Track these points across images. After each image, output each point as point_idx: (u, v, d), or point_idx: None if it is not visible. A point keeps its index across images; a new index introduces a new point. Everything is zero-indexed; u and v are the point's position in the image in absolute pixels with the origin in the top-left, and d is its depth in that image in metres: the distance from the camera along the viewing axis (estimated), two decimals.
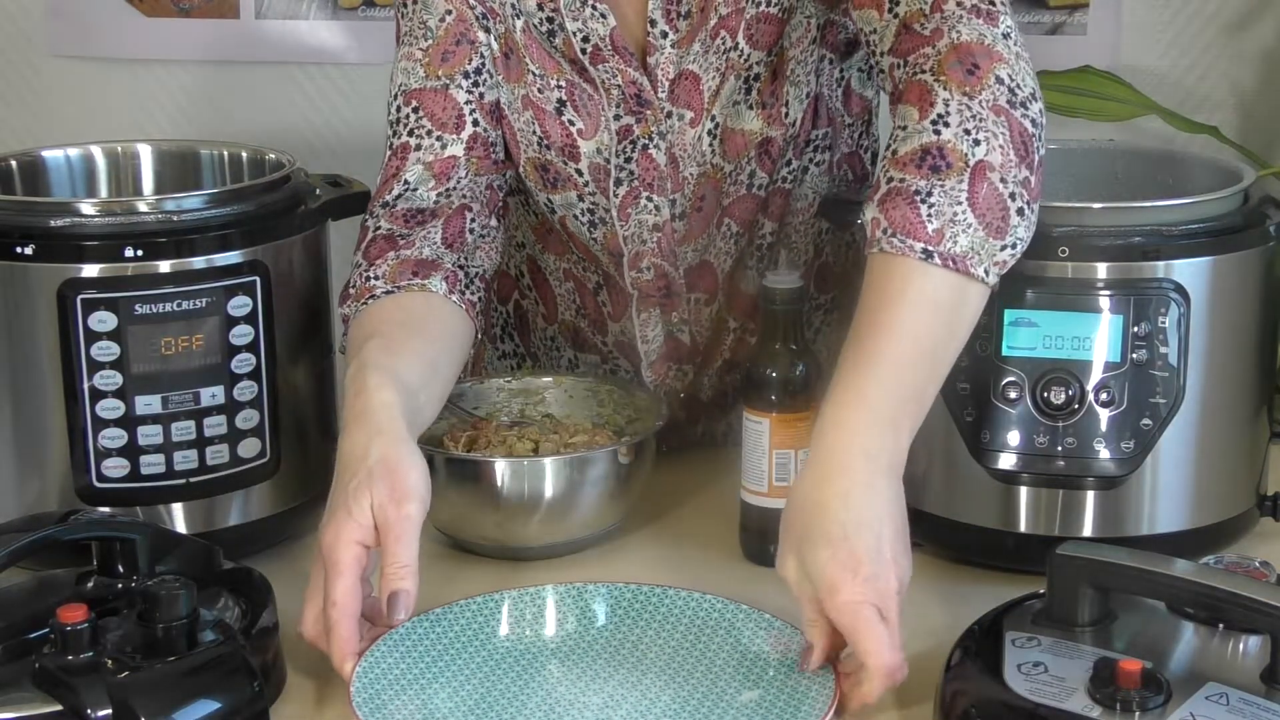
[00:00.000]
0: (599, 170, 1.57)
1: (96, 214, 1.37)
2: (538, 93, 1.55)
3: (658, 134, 1.55)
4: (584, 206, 1.59)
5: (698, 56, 1.53)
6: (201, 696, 1.10)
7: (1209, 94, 2.33)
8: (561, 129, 1.56)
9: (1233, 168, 1.46)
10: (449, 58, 1.54)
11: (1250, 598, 1.10)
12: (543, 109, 1.55)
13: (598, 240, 1.61)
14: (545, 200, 1.61)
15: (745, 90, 1.56)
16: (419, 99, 1.54)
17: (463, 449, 1.49)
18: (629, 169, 1.56)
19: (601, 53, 1.53)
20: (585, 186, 1.58)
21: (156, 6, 2.41)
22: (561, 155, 1.57)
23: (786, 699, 1.20)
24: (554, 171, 1.58)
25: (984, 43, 1.32)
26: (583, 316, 1.71)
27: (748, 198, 1.61)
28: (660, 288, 1.62)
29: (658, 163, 1.55)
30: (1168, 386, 1.33)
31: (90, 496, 1.37)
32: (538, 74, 1.55)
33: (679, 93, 1.54)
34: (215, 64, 2.42)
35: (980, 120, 1.29)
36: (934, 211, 1.26)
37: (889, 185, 1.29)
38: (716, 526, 1.52)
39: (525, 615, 1.31)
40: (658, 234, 1.58)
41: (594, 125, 1.55)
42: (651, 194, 1.56)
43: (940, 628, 1.28)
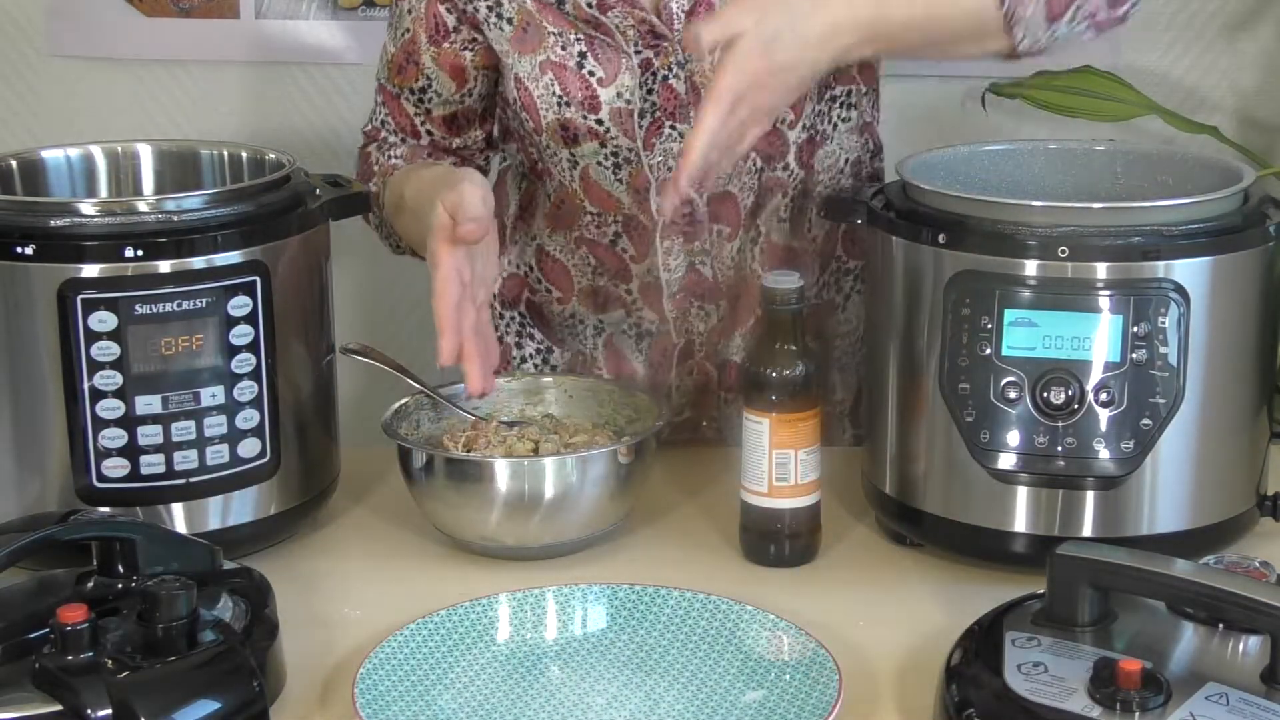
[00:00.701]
0: (619, 114, 1.62)
1: (96, 214, 1.37)
2: (560, 50, 1.61)
3: (676, 64, 1.60)
4: (607, 151, 1.65)
5: None
6: (201, 696, 1.10)
7: (1209, 94, 2.33)
8: (581, 82, 1.61)
9: (1233, 168, 1.46)
10: (402, 72, 1.72)
11: (1250, 598, 1.10)
12: (564, 65, 1.62)
13: (623, 180, 1.66)
14: (567, 156, 1.66)
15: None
16: (384, 96, 1.76)
17: (462, 449, 1.49)
18: (651, 100, 1.62)
19: (607, 2, 1.59)
20: (607, 133, 1.63)
21: (156, 6, 2.41)
22: (581, 109, 1.62)
23: (790, 700, 1.20)
24: (574, 128, 1.63)
25: None
26: (601, 275, 1.74)
27: (773, 133, 1.64)
28: (685, 214, 1.66)
29: (678, 91, 1.61)
30: (1168, 386, 1.33)
31: (90, 496, 1.37)
32: (557, 33, 1.62)
33: (695, 20, 1.58)
34: (215, 64, 2.41)
35: None
36: None
37: None
38: (717, 526, 1.52)
39: (527, 617, 1.31)
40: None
41: (614, 70, 1.61)
42: (675, 122, 1.62)
43: (940, 628, 1.28)
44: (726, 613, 1.30)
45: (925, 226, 1.38)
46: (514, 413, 1.58)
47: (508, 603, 1.32)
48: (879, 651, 1.28)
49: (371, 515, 1.57)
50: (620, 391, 1.59)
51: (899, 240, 1.41)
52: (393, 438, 1.47)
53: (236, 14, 2.39)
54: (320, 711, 1.22)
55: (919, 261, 1.39)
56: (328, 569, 1.46)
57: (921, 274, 1.39)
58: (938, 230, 1.37)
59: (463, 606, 1.30)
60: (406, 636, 1.26)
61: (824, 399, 1.44)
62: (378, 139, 1.77)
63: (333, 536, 1.54)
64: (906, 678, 1.25)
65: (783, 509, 1.43)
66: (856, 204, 1.48)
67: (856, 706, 1.19)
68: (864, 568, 1.46)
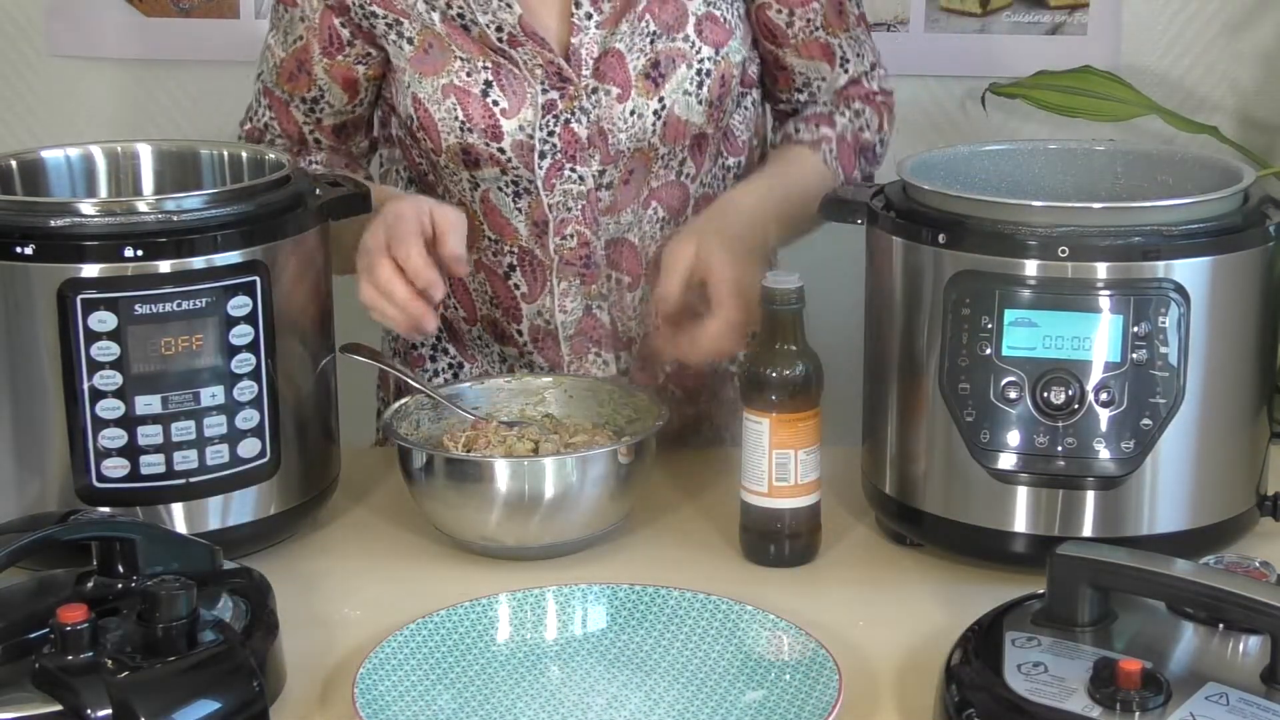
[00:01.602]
0: (521, 146, 1.63)
1: (96, 214, 1.36)
2: (465, 76, 1.62)
3: (579, 109, 1.62)
4: (507, 180, 1.65)
5: (624, 36, 1.62)
6: (201, 696, 1.10)
7: (1209, 94, 2.33)
8: (485, 110, 1.62)
9: (1233, 168, 1.46)
10: (293, 79, 1.70)
11: (1250, 598, 1.10)
12: (468, 92, 1.62)
13: (522, 210, 1.67)
14: (468, 178, 1.66)
15: (698, 84, 1.64)
16: (270, 99, 1.74)
17: (462, 448, 1.49)
18: (552, 141, 1.63)
19: (516, 38, 1.60)
20: (509, 162, 1.64)
21: (156, 6, 2.41)
22: (484, 137, 1.63)
23: (790, 700, 1.20)
24: (475, 153, 1.64)
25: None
26: (496, 307, 1.74)
27: (676, 185, 1.68)
28: (581, 256, 1.67)
29: (579, 136, 1.63)
30: (1168, 386, 1.33)
31: (90, 496, 1.37)
32: (464, 58, 1.62)
33: (604, 70, 1.62)
34: (215, 64, 2.41)
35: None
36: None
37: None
38: (717, 527, 1.52)
39: (527, 617, 1.31)
40: (582, 201, 1.65)
41: (518, 103, 1.62)
42: (575, 165, 1.64)
43: (940, 628, 1.28)
44: (726, 613, 1.30)
45: (925, 226, 1.38)
46: (514, 413, 1.58)
47: (508, 603, 1.32)
48: (879, 651, 1.28)
49: (371, 515, 1.57)
50: (620, 391, 1.59)
51: (899, 240, 1.41)
52: (393, 438, 1.47)
53: (236, 14, 2.40)
54: (320, 711, 1.22)
55: (919, 261, 1.39)
56: (328, 569, 1.46)
57: (921, 274, 1.39)
58: (938, 230, 1.37)
59: (463, 606, 1.30)
60: (406, 636, 1.26)
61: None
62: (261, 140, 1.75)
63: (333, 536, 1.54)
64: (906, 678, 1.25)
65: (783, 509, 1.43)
66: (856, 204, 1.48)
67: (856, 706, 1.19)
68: (864, 568, 1.46)
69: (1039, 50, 2.30)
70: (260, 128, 1.75)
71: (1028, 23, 2.31)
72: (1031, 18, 2.31)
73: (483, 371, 1.78)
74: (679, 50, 1.63)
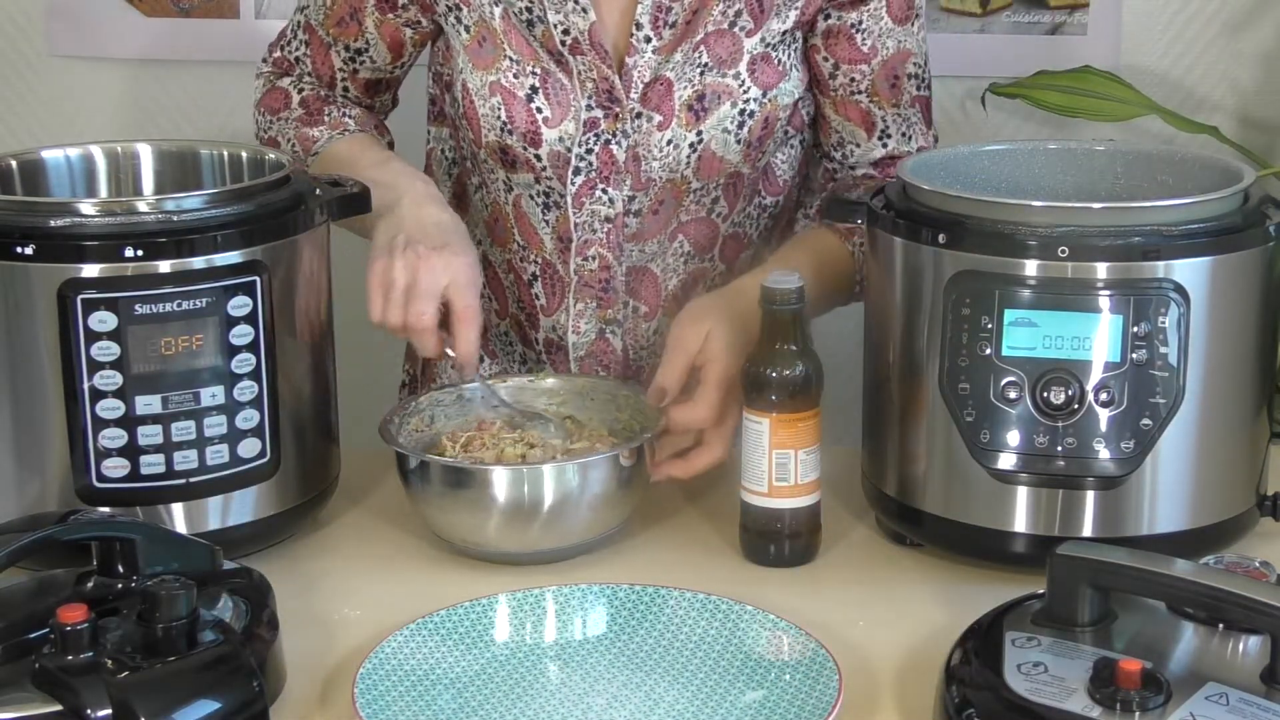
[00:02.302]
0: (558, 158, 1.62)
1: (96, 214, 1.36)
2: (512, 78, 1.60)
3: (622, 132, 1.60)
4: (539, 189, 1.64)
5: (677, 66, 1.59)
6: (201, 696, 1.10)
7: (1209, 94, 2.33)
8: (528, 115, 1.60)
9: (1233, 168, 1.46)
10: (342, 25, 1.68)
11: (1250, 598, 1.10)
12: (513, 94, 1.60)
13: (549, 223, 1.66)
14: (504, 178, 1.66)
15: (739, 123, 1.62)
16: (310, 36, 1.72)
17: (460, 448, 1.49)
18: (589, 160, 1.61)
19: (580, 46, 1.58)
20: (543, 171, 1.63)
21: (156, 6, 2.41)
22: (523, 141, 1.62)
23: (790, 700, 1.20)
24: (513, 155, 1.63)
25: None
26: (521, 309, 1.74)
27: (705, 222, 1.67)
28: (601, 280, 1.66)
29: (617, 159, 1.61)
30: (1168, 386, 1.33)
31: (90, 496, 1.37)
32: (514, 59, 1.60)
33: (651, 96, 1.60)
34: (215, 64, 2.41)
35: None
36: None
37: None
38: (717, 528, 1.52)
39: (527, 617, 1.31)
40: (608, 225, 1.64)
41: (561, 114, 1.60)
42: (607, 187, 1.62)
43: (940, 628, 1.28)
44: (726, 613, 1.30)
45: (925, 226, 1.38)
46: (539, 410, 1.57)
47: (508, 603, 1.32)
48: (879, 651, 1.28)
49: (371, 515, 1.57)
50: (638, 398, 1.57)
51: (899, 240, 1.41)
52: (389, 443, 1.47)
53: (236, 14, 2.39)
54: (320, 711, 1.22)
55: (919, 261, 1.39)
56: (328, 569, 1.46)
57: (921, 274, 1.39)
58: (938, 230, 1.37)
59: (463, 606, 1.30)
60: (406, 636, 1.26)
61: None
62: (291, 74, 1.74)
63: (333, 536, 1.54)
64: (906, 678, 1.25)
65: (783, 509, 1.43)
66: (857, 204, 1.48)
67: (856, 706, 1.19)
68: (864, 568, 1.46)
69: (1039, 50, 2.30)
70: (291, 60, 1.73)
71: (1028, 23, 2.31)
72: (1031, 18, 2.31)
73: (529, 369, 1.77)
74: (726, 87, 1.61)
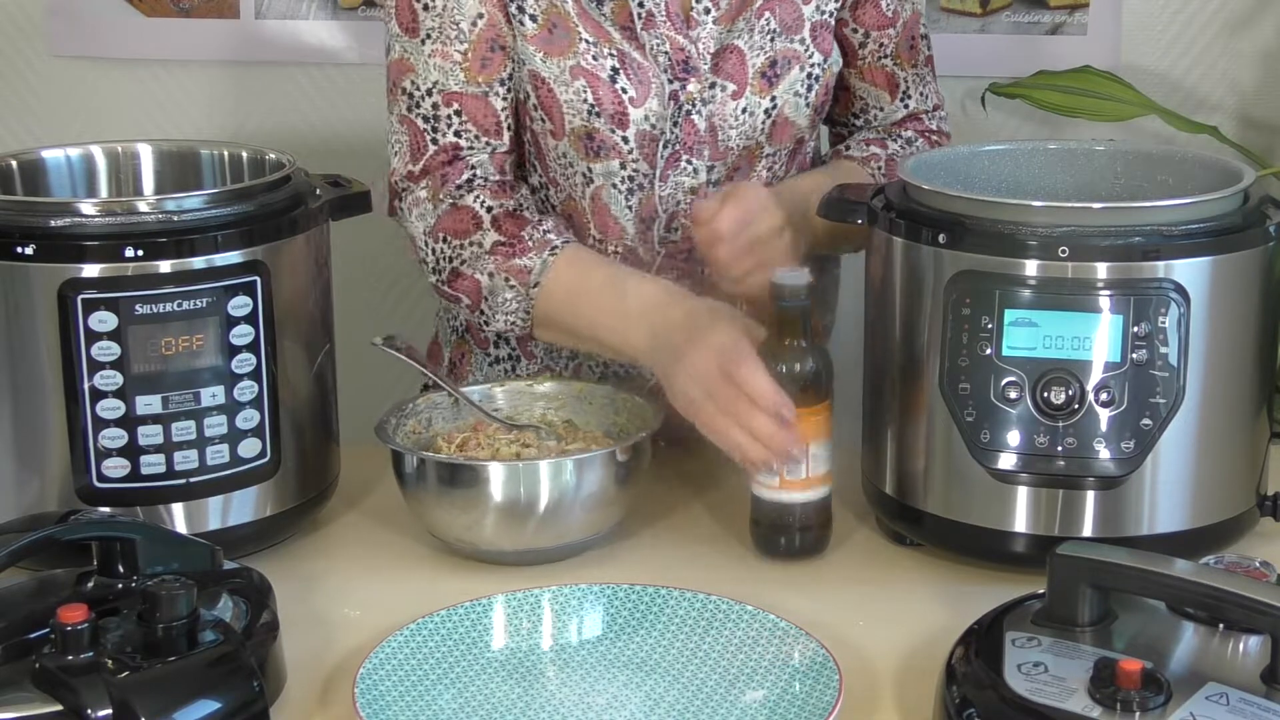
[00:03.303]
0: (644, 137, 1.62)
1: (96, 214, 1.36)
2: (592, 60, 1.60)
3: (700, 100, 1.62)
4: (624, 174, 1.64)
5: (742, 33, 1.62)
6: (201, 696, 1.10)
7: (1209, 94, 2.33)
8: (614, 96, 1.61)
9: (1233, 168, 1.46)
10: (487, 65, 1.60)
11: (1250, 598, 1.10)
12: (596, 76, 1.60)
13: (632, 208, 1.66)
14: (584, 172, 1.64)
15: (807, 87, 1.66)
16: (460, 102, 1.61)
17: (455, 449, 1.49)
18: (676, 132, 1.63)
19: (655, 19, 1.60)
20: (630, 154, 1.63)
21: (156, 6, 2.41)
22: (610, 123, 1.61)
23: (790, 700, 1.20)
24: (599, 139, 1.62)
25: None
26: None
27: (766, 186, 1.66)
28: (685, 250, 1.66)
29: (698, 128, 1.63)
30: (1168, 386, 1.33)
31: (90, 496, 1.37)
32: (591, 42, 1.60)
33: (723, 65, 1.63)
34: (215, 64, 2.41)
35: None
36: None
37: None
38: (717, 528, 1.52)
39: (527, 617, 1.31)
40: (692, 196, 1.64)
41: (645, 92, 1.61)
42: (691, 157, 1.64)
43: (940, 628, 1.28)
44: (727, 613, 1.30)
45: (925, 226, 1.38)
46: (534, 416, 1.57)
47: (508, 603, 1.32)
48: (879, 651, 1.28)
49: (371, 515, 1.57)
50: (635, 402, 1.56)
51: (899, 240, 1.41)
52: (385, 442, 1.46)
53: (236, 14, 2.39)
54: (320, 711, 1.22)
55: (919, 261, 1.39)
56: (328, 569, 1.46)
57: (921, 274, 1.39)
58: (938, 230, 1.37)
59: (463, 606, 1.30)
60: (407, 636, 1.26)
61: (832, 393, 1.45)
62: (460, 171, 1.60)
63: (333, 536, 1.54)
64: (906, 678, 1.25)
65: (794, 503, 1.43)
66: (857, 204, 1.48)
67: (856, 706, 1.19)
68: (864, 568, 1.46)
69: (1039, 50, 2.30)
70: (448, 146, 1.60)
71: (1028, 23, 2.31)
72: (1031, 18, 2.31)
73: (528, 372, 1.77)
74: (794, 52, 1.64)
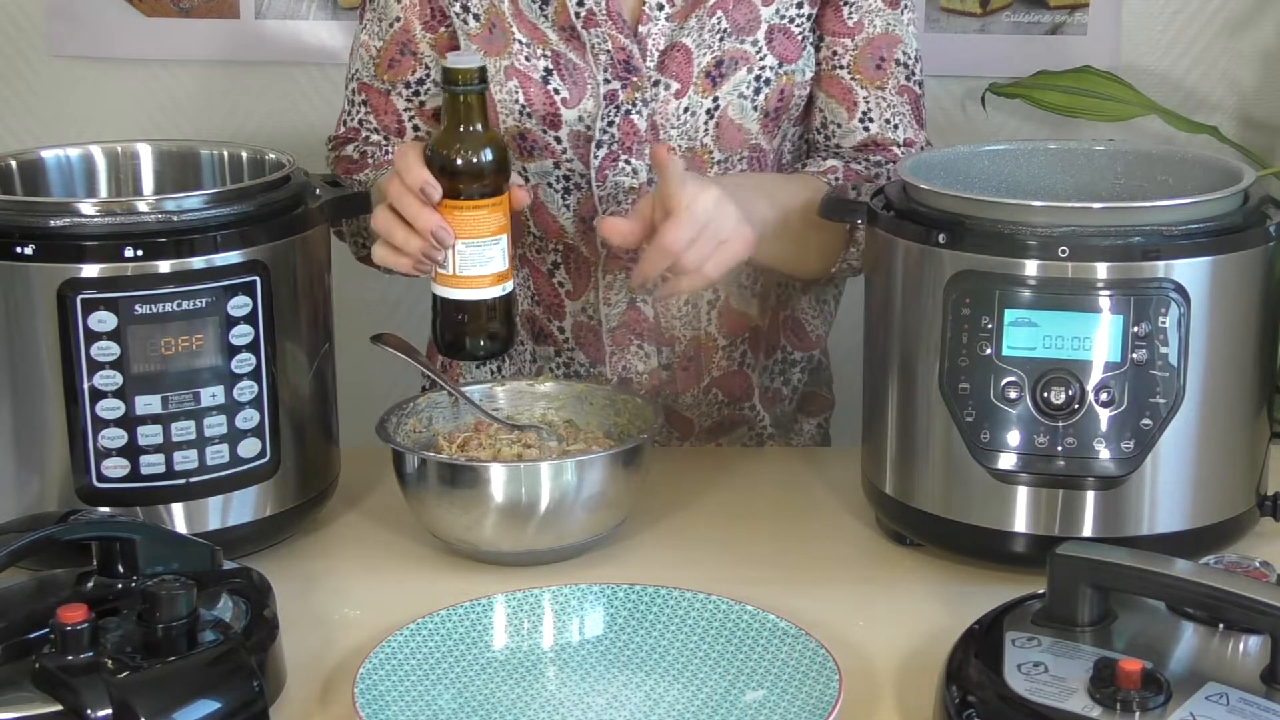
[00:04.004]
0: (578, 138, 1.62)
1: (96, 214, 1.36)
2: (524, 61, 1.60)
3: (641, 101, 1.60)
4: (559, 174, 1.64)
5: (692, 31, 1.60)
6: (201, 696, 1.10)
7: (1209, 94, 2.33)
8: (546, 97, 1.61)
9: (1233, 168, 1.46)
10: (394, 66, 1.68)
11: (1250, 598, 1.10)
12: (528, 77, 1.61)
13: (570, 207, 1.66)
14: (520, 170, 1.65)
15: (755, 89, 1.61)
16: (368, 94, 1.71)
17: (456, 449, 1.49)
18: (611, 132, 1.61)
19: (595, 18, 1.59)
20: (563, 154, 1.63)
21: (156, 6, 2.41)
22: (542, 123, 1.62)
23: (790, 700, 1.20)
24: (532, 140, 1.63)
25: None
26: (538, 304, 1.73)
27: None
28: (629, 252, 1.62)
29: (638, 128, 1.61)
30: (1168, 386, 1.33)
31: (90, 496, 1.37)
32: (525, 43, 1.60)
33: (668, 63, 1.60)
34: (215, 64, 2.41)
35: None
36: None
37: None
38: (717, 527, 1.52)
39: (527, 618, 1.31)
40: (633, 195, 1.63)
41: (579, 93, 1.61)
42: (630, 157, 1.62)
43: (940, 628, 1.28)
44: (726, 613, 1.30)
45: (925, 226, 1.38)
46: (535, 416, 1.57)
47: (508, 603, 1.31)
48: (879, 651, 1.28)
49: (371, 515, 1.57)
50: (635, 401, 1.56)
51: (899, 240, 1.41)
52: (386, 441, 1.46)
53: (236, 14, 2.40)
54: (320, 711, 1.22)
55: (919, 261, 1.39)
56: (328, 569, 1.46)
57: (921, 274, 1.39)
58: (938, 230, 1.37)
59: (463, 606, 1.30)
60: (406, 636, 1.26)
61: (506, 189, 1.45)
62: (356, 139, 1.73)
63: (333, 536, 1.54)
64: (906, 678, 1.25)
65: (466, 300, 1.43)
66: (857, 204, 1.48)
67: (856, 706, 1.19)
68: (864, 568, 1.46)
69: (1039, 50, 2.30)
70: (355, 127, 1.73)
71: (1028, 23, 2.31)
72: (1031, 18, 2.31)
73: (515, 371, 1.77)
74: (744, 53, 1.61)
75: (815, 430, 1.84)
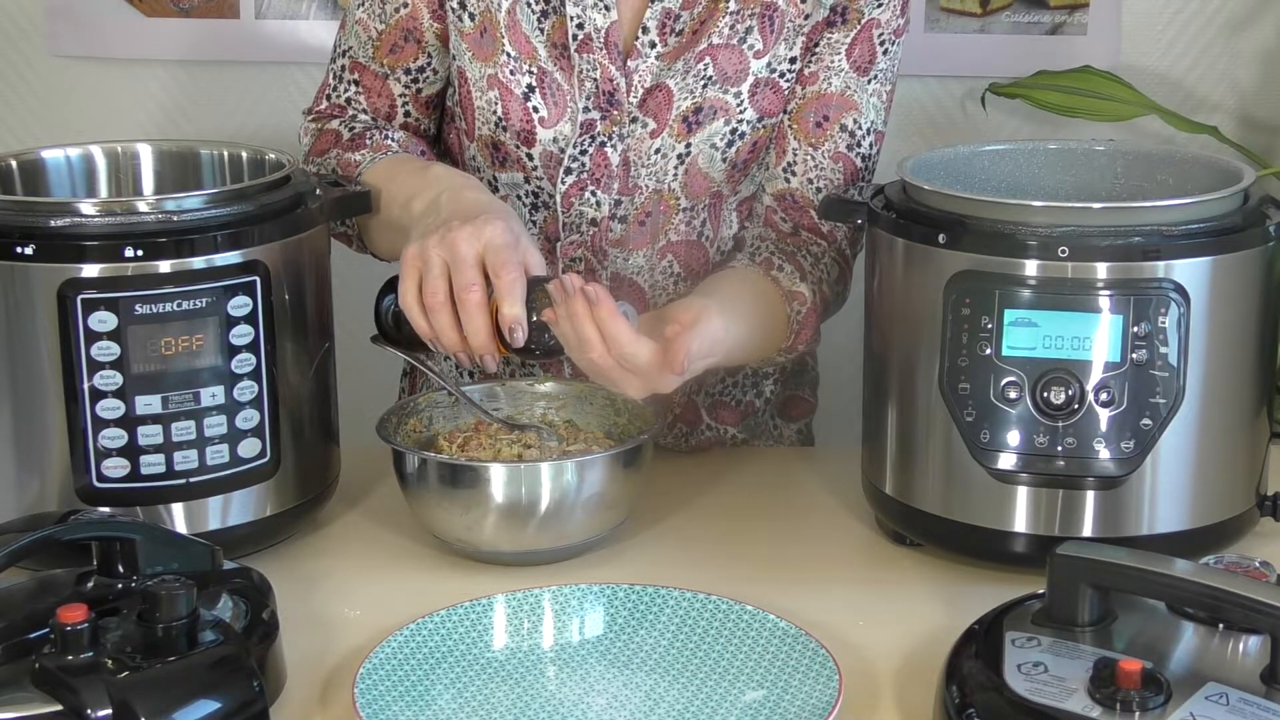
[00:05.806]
0: (550, 159, 1.61)
1: (96, 214, 1.36)
2: (508, 74, 1.59)
3: (618, 135, 1.59)
4: (528, 189, 1.64)
5: (677, 74, 1.58)
6: (201, 696, 1.10)
7: (1209, 94, 2.33)
8: (524, 113, 1.60)
9: (1233, 168, 1.46)
10: (396, 51, 1.65)
11: (1250, 598, 1.10)
12: (510, 90, 1.60)
13: (536, 223, 1.65)
14: (490, 178, 1.65)
15: (727, 142, 1.61)
16: (361, 74, 1.68)
17: (457, 449, 1.49)
18: (582, 161, 1.60)
19: (591, 44, 1.57)
20: (534, 171, 1.62)
21: (156, 6, 2.41)
22: (516, 139, 1.61)
23: (790, 700, 1.20)
24: (505, 152, 1.62)
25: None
26: None
27: (696, 245, 1.66)
28: (591, 271, 1.65)
29: (610, 161, 1.60)
30: (1168, 386, 1.33)
31: (90, 496, 1.37)
32: (512, 55, 1.59)
33: (649, 102, 1.59)
34: (215, 64, 2.41)
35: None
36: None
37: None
38: (719, 527, 1.52)
39: (527, 618, 1.31)
40: (594, 229, 1.63)
41: (558, 114, 1.60)
42: (596, 189, 1.61)
43: (940, 628, 1.28)
44: (726, 613, 1.30)
45: (925, 226, 1.38)
46: (535, 416, 1.57)
47: (507, 603, 1.32)
48: (879, 651, 1.28)
49: (372, 515, 1.57)
50: (635, 401, 1.56)
51: (899, 240, 1.41)
52: (386, 441, 1.46)
53: (236, 14, 2.39)
54: (320, 711, 1.22)
55: (919, 261, 1.39)
56: (328, 569, 1.46)
57: (921, 274, 1.39)
58: (938, 230, 1.37)
59: (463, 606, 1.30)
60: (406, 637, 1.26)
61: None
62: (342, 116, 1.69)
63: (333, 536, 1.54)
64: (906, 678, 1.25)
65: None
66: (856, 204, 1.48)
67: (856, 706, 1.20)
68: (864, 568, 1.46)
69: (1039, 50, 2.30)
70: (341, 104, 1.69)
71: (1028, 23, 2.31)
72: (1031, 18, 2.31)
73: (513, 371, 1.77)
74: (724, 103, 1.59)
75: (795, 436, 1.83)
